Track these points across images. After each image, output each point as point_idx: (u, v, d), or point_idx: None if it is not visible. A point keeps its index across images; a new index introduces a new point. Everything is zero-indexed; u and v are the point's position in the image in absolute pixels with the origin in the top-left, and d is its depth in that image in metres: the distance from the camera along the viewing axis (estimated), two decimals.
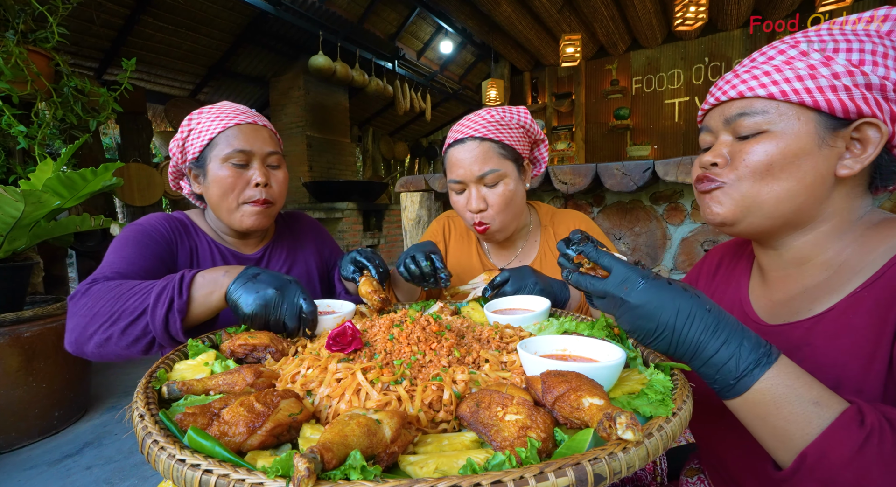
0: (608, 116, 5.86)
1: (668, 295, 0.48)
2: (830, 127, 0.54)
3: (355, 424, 0.37)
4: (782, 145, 0.55)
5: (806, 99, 0.53)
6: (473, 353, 0.59)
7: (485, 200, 1.01)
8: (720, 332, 0.46)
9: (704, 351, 0.46)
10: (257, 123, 0.97)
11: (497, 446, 0.40)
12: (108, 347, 0.72)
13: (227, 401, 0.45)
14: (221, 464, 0.35)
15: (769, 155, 0.56)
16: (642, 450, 0.36)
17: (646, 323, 0.48)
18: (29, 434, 1.96)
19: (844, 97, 0.52)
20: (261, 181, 0.94)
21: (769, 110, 0.56)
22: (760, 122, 0.56)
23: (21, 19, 2.10)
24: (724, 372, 0.46)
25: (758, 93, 0.56)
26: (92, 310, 0.72)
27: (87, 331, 0.72)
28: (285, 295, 0.71)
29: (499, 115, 1.01)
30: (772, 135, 0.55)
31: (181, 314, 0.71)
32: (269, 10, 4.26)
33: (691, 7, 3.82)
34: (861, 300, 0.53)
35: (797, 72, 0.54)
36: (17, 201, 1.70)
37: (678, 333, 0.47)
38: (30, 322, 1.95)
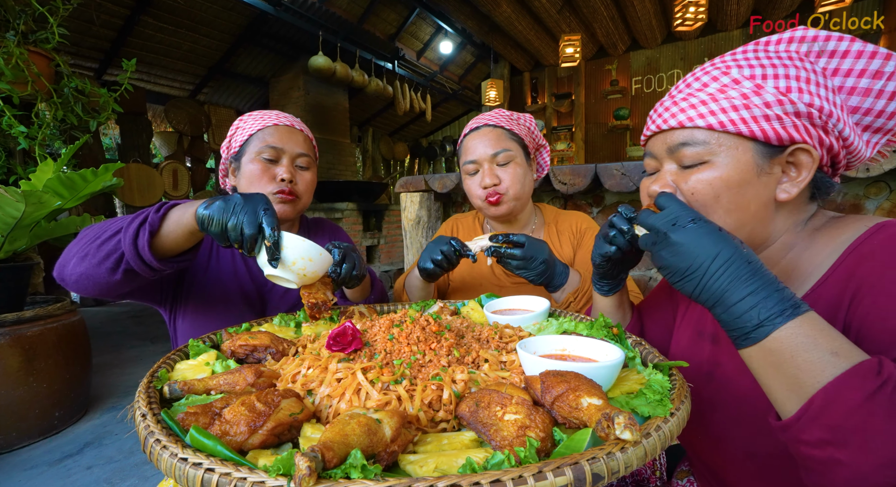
0: (608, 116, 5.86)
1: (711, 239, 0.49)
2: (767, 154, 0.56)
3: (356, 423, 0.38)
4: (725, 175, 0.57)
5: (743, 129, 0.55)
6: (473, 353, 0.60)
7: (497, 176, 1.08)
8: (751, 282, 0.46)
9: (728, 299, 0.47)
10: (294, 127, 1.04)
11: (496, 445, 0.40)
12: (82, 266, 0.74)
13: (228, 401, 0.45)
14: (223, 463, 0.35)
15: (714, 186, 0.58)
16: (640, 450, 0.36)
17: (680, 261, 0.49)
18: (29, 434, 1.96)
19: (777, 126, 0.55)
20: (286, 177, 0.98)
21: (710, 141, 0.58)
22: (702, 153, 0.58)
23: (21, 20, 2.11)
24: (745, 320, 0.46)
25: (697, 123, 0.58)
26: (83, 235, 0.76)
27: (71, 251, 0.76)
28: (247, 201, 0.69)
29: (509, 113, 1.14)
30: (714, 165, 0.58)
31: (151, 226, 0.72)
32: (268, 10, 4.26)
33: (691, 7, 3.83)
34: (817, 299, 0.55)
35: (732, 101, 0.56)
36: (18, 201, 1.70)
37: (708, 277, 0.48)
38: (30, 322, 1.95)
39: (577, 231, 1.18)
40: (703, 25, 4.09)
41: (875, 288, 0.49)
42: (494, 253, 0.94)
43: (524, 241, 0.93)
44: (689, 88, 0.60)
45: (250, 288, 1.02)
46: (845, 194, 1.60)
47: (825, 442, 0.40)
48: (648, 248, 0.55)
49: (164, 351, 3.22)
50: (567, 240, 1.18)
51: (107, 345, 3.39)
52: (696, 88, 0.59)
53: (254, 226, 0.67)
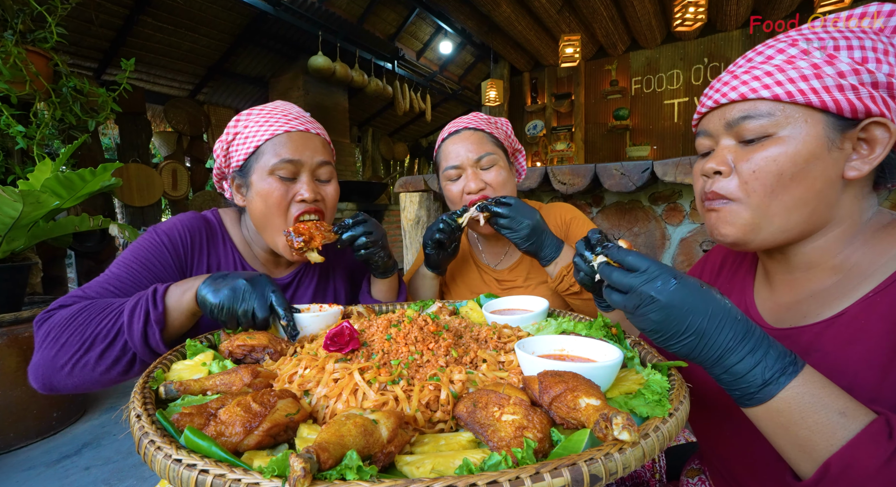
0: (607, 117, 5.86)
1: (701, 297, 0.46)
2: (839, 128, 0.52)
3: (352, 424, 0.37)
4: (791, 150, 0.52)
5: (813, 99, 0.51)
6: (471, 353, 0.59)
7: (482, 180, 1.06)
8: (748, 341, 0.45)
9: (729, 359, 0.45)
10: (310, 131, 0.89)
11: (494, 446, 0.40)
12: (82, 376, 0.69)
13: (224, 401, 0.45)
14: (218, 464, 0.35)
15: (778, 163, 0.53)
16: (638, 451, 0.36)
17: (674, 324, 0.46)
18: (27, 434, 1.96)
19: (852, 96, 0.50)
20: (308, 197, 0.85)
21: (775, 112, 0.53)
22: (766, 126, 0.53)
23: (20, 19, 2.10)
24: (748, 380, 0.44)
25: (761, 94, 0.53)
26: (59, 341, 0.68)
27: (56, 363, 0.68)
28: (255, 286, 0.69)
29: (486, 117, 1.13)
30: (779, 139, 0.53)
31: (159, 325, 0.69)
32: (268, 10, 4.26)
33: (690, 8, 3.82)
34: (875, 305, 0.51)
35: (801, 71, 0.51)
36: (16, 201, 1.70)
37: (707, 338, 0.45)
38: (28, 322, 1.94)
39: (562, 222, 1.17)
40: (702, 26, 4.08)
41: None
42: (483, 209, 0.97)
43: (512, 202, 0.96)
44: (752, 62, 0.55)
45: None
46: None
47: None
48: (628, 311, 0.50)
49: None
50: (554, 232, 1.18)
51: None
52: (760, 61, 0.54)
53: (265, 310, 0.68)
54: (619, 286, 0.51)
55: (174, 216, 0.91)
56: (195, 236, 0.90)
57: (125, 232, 2.19)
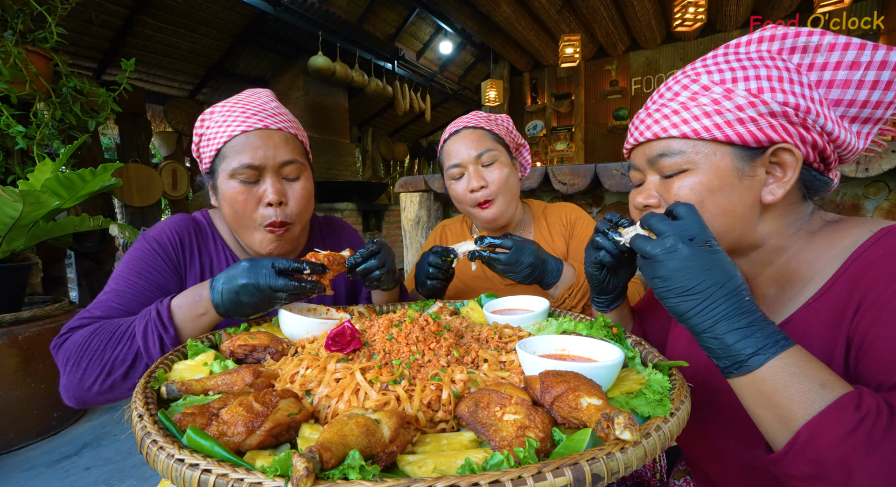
0: (607, 117, 5.86)
1: (724, 267, 0.47)
2: (747, 157, 0.55)
3: (354, 424, 0.37)
4: (706, 181, 0.56)
5: (717, 135, 0.55)
6: (472, 353, 0.59)
7: (483, 178, 1.06)
8: (746, 316, 0.46)
9: (720, 327, 0.46)
10: (269, 127, 0.84)
11: (495, 446, 0.40)
12: (112, 394, 0.71)
13: (225, 401, 0.45)
14: (220, 464, 0.35)
15: (696, 192, 0.57)
16: (640, 450, 0.36)
17: (685, 278, 0.47)
18: (27, 435, 1.96)
19: (752, 128, 0.54)
20: (272, 199, 0.82)
21: (686, 149, 0.57)
22: (680, 162, 0.58)
23: (20, 19, 2.10)
24: (737, 348, 0.45)
25: (671, 133, 0.58)
26: (80, 366, 0.69)
27: (83, 385, 0.70)
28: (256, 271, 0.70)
29: (486, 114, 1.13)
30: (694, 172, 0.57)
31: (175, 345, 0.71)
32: (268, 10, 4.26)
33: (690, 8, 3.82)
34: (815, 311, 0.53)
35: (703, 108, 0.55)
36: (16, 201, 1.70)
37: (709, 302, 0.46)
38: (28, 322, 1.94)
39: (567, 222, 1.17)
40: (702, 26, 4.09)
41: (879, 302, 0.47)
42: (479, 258, 0.90)
43: (510, 246, 0.89)
44: (662, 99, 0.60)
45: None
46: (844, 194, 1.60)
47: (811, 477, 0.41)
48: (647, 252, 0.51)
49: None
50: (559, 232, 1.18)
51: None
52: (668, 98, 0.59)
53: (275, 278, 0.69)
54: (657, 229, 0.51)
55: (163, 220, 0.91)
56: (184, 237, 0.89)
57: (125, 232, 2.20)
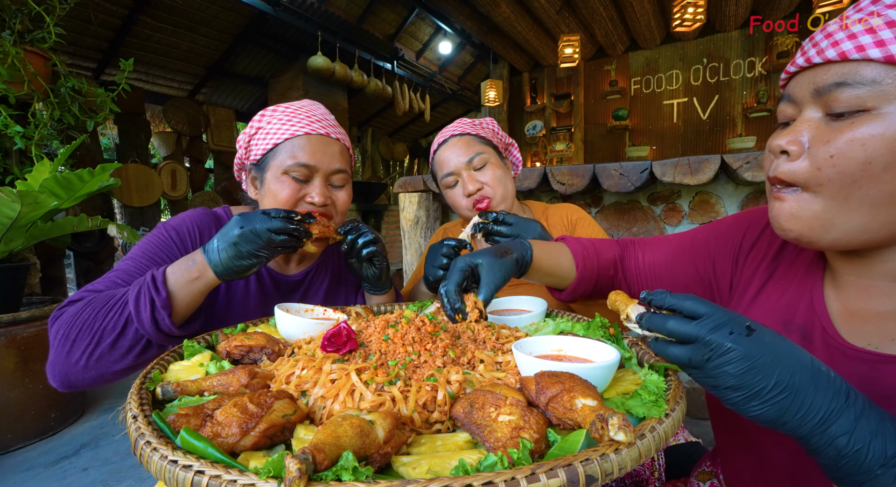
0: (607, 117, 5.86)
1: (785, 347, 0.37)
2: None
3: (348, 425, 0.37)
4: (890, 134, 0.39)
5: None
6: (468, 354, 0.59)
7: (478, 181, 1.08)
8: (852, 402, 0.36)
9: (835, 424, 0.35)
10: (330, 135, 0.89)
11: (490, 447, 0.40)
12: (98, 368, 0.70)
13: (220, 402, 0.45)
14: (213, 465, 0.34)
15: (867, 148, 0.40)
16: (634, 451, 0.36)
17: (759, 380, 0.37)
18: (25, 435, 1.95)
19: None
20: (318, 201, 0.85)
21: (882, 80, 0.39)
22: (864, 97, 0.40)
23: (18, 19, 2.10)
24: (862, 456, 0.35)
25: (869, 54, 0.40)
26: (69, 337, 0.69)
27: (70, 359, 0.69)
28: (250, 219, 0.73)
29: (470, 120, 1.16)
30: (878, 117, 0.40)
31: (167, 310, 0.70)
32: (267, 10, 4.26)
33: (689, 8, 3.83)
34: None
35: None
36: (14, 202, 1.70)
37: (802, 396, 0.36)
38: (26, 323, 1.94)
39: (568, 223, 1.17)
40: (701, 26, 4.09)
41: None
42: (483, 230, 0.96)
43: (513, 221, 0.95)
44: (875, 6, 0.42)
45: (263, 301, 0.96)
46: None
47: None
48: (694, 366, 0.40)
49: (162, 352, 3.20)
50: (560, 233, 1.18)
51: None
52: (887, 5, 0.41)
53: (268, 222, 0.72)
54: (680, 336, 0.40)
55: (184, 212, 0.93)
56: (204, 231, 0.90)
57: (124, 232, 2.19)
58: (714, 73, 5.18)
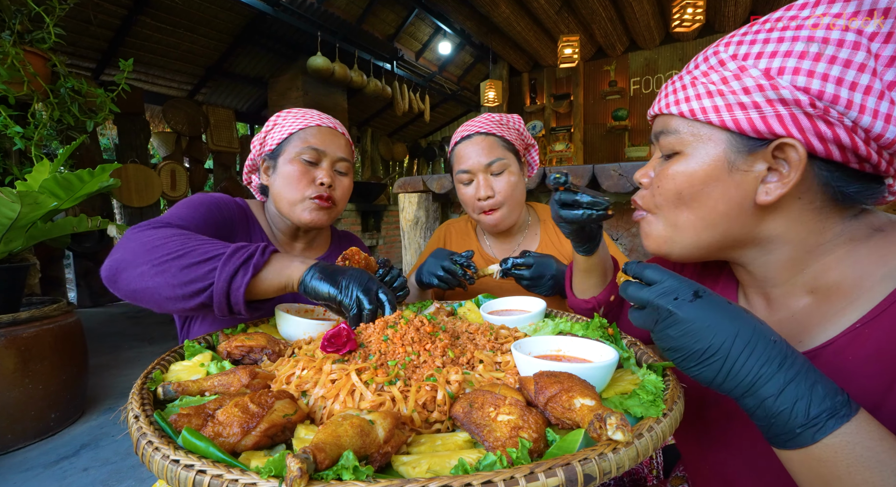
0: (606, 117, 5.87)
1: (727, 314, 0.41)
2: (744, 149, 0.48)
3: (348, 425, 0.38)
4: (690, 170, 0.51)
5: (713, 118, 0.48)
6: (468, 354, 0.60)
7: (492, 188, 1.09)
8: (787, 368, 0.39)
9: (764, 387, 0.39)
10: (337, 130, 1.02)
11: (489, 446, 0.40)
12: (152, 280, 0.67)
13: (221, 402, 0.45)
14: (215, 465, 0.35)
15: (676, 181, 0.52)
16: (632, 451, 0.36)
17: (693, 343, 0.41)
18: (25, 436, 1.95)
19: (754, 115, 0.46)
20: (326, 181, 0.96)
21: (681, 130, 0.51)
22: (674, 142, 0.52)
23: (17, 20, 2.10)
24: (787, 417, 0.38)
25: (671, 110, 0.52)
26: (155, 242, 0.69)
27: (138, 259, 0.67)
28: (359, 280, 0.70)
29: (498, 117, 1.13)
30: (684, 156, 0.51)
31: (255, 269, 0.68)
32: (267, 10, 4.26)
33: (689, 9, 3.84)
34: (863, 338, 0.45)
35: (708, 86, 0.48)
36: (14, 202, 1.70)
37: (732, 360, 0.40)
38: (26, 323, 1.94)
39: None
40: (701, 26, 4.10)
41: None
42: (505, 275, 0.99)
43: (532, 262, 0.97)
44: (686, 70, 0.54)
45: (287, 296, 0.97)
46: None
47: None
48: (647, 327, 0.46)
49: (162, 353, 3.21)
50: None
51: (104, 346, 3.37)
52: (689, 70, 0.53)
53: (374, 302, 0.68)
54: (636, 300, 0.46)
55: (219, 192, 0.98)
56: (238, 212, 0.99)
57: (123, 232, 2.19)
58: None
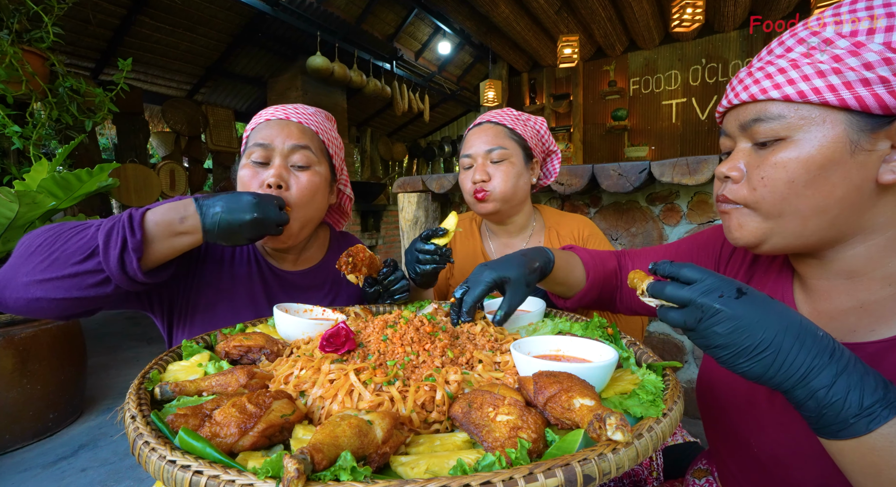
0: (606, 117, 5.87)
1: (773, 309, 0.41)
2: (867, 127, 0.46)
3: (346, 425, 0.37)
4: (804, 155, 0.47)
5: (830, 98, 0.45)
6: (467, 354, 0.59)
7: (487, 173, 1.08)
8: (837, 360, 0.39)
9: (816, 379, 0.39)
10: (289, 118, 0.89)
11: (488, 446, 0.40)
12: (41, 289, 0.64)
13: (219, 402, 0.45)
14: (212, 465, 0.34)
15: (788, 170, 0.48)
16: (632, 451, 0.36)
17: (744, 339, 0.41)
18: (23, 436, 1.95)
19: (881, 90, 0.44)
20: (271, 182, 0.82)
21: (787, 114, 0.48)
22: (778, 129, 0.49)
23: (16, 19, 2.09)
24: (840, 407, 0.38)
25: (771, 95, 0.49)
26: (28, 250, 0.65)
27: (18, 271, 0.64)
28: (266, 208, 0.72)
29: (517, 113, 1.13)
30: (792, 142, 0.48)
31: (137, 253, 0.65)
32: (266, 10, 4.25)
33: (688, 9, 3.84)
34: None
35: (818, 66, 0.46)
36: (12, 202, 1.69)
37: (785, 353, 0.40)
38: (24, 323, 1.93)
39: (579, 237, 1.15)
40: (700, 27, 4.10)
41: None
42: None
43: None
44: (771, 55, 0.51)
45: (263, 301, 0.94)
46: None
47: None
48: (687, 327, 0.45)
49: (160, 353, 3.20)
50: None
51: (103, 347, 3.37)
52: (777, 55, 0.50)
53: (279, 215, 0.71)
54: (676, 300, 0.45)
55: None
56: None
57: None
58: (713, 74, 5.19)
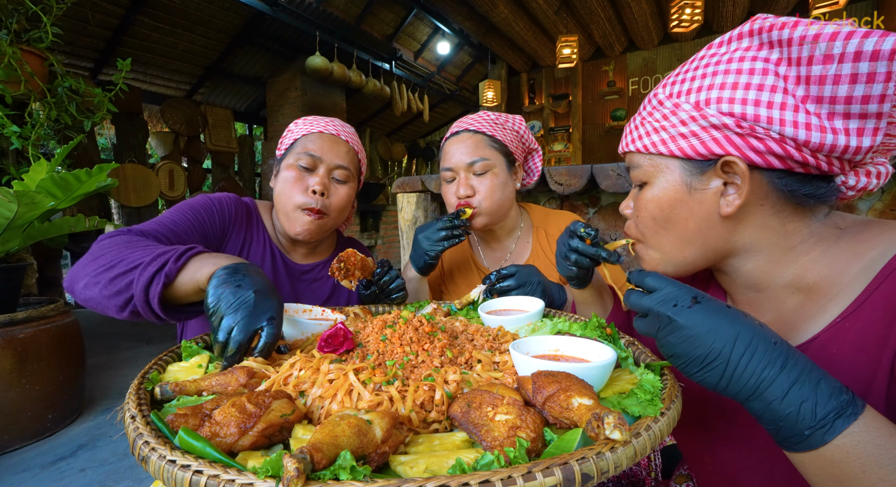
0: (605, 117, 5.88)
1: (725, 318, 0.42)
2: (696, 171, 0.55)
3: (346, 425, 0.37)
4: (657, 196, 0.58)
5: (663, 150, 0.56)
6: (466, 354, 0.60)
7: (472, 187, 1.05)
8: (789, 370, 0.39)
9: (768, 390, 0.39)
10: (339, 136, 1.00)
11: (487, 446, 0.40)
12: (90, 291, 0.70)
13: (219, 402, 0.45)
14: (212, 465, 0.35)
15: (649, 208, 0.59)
16: (630, 450, 0.36)
17: (694, 349, 0.42)
18: (22, 436, 1.95)
19: (695, 142, 0.53)
20: (317, 189, 0.94)
21: (643, 163, 0.59)
22: (640, 175, 0.60)
23: (14, 19, 2.09)
24: (794, 419, 0.38)
25: (630, 148, 0.61)
26: (96, 254, 0.73)
27: (84, 270, 0.72)
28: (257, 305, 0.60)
29: (494, 116, 1.08)
30: (650, 186, 0.59)
31: (167, 278, 0.65)
32: (265, 10, 4.25)
33: (687, 9, 3.84)
34: (844, 332, 0.48)
35: (653, 124, 0.57)
36: (11, 202, 1.69)
37: (734, 364, 0.40)
38: (23, 323, 1.93)
39: None
40: (699, 27, 4.11)
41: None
42: (494, 291, 0.93)
43: (515, 271, 0.92)
44: (638, 112, 0.63)
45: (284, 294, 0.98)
46: None
47: None
48: (650, 335, 0.47)
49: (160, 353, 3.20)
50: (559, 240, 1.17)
51: (102, 347, 3.36)
52: (639, 112, 0.62)
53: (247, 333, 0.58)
54: (638, 308, 0.48)
55: (222, 193, 1.01)
56: (239, 211, 1.00)
57: None
58: None
